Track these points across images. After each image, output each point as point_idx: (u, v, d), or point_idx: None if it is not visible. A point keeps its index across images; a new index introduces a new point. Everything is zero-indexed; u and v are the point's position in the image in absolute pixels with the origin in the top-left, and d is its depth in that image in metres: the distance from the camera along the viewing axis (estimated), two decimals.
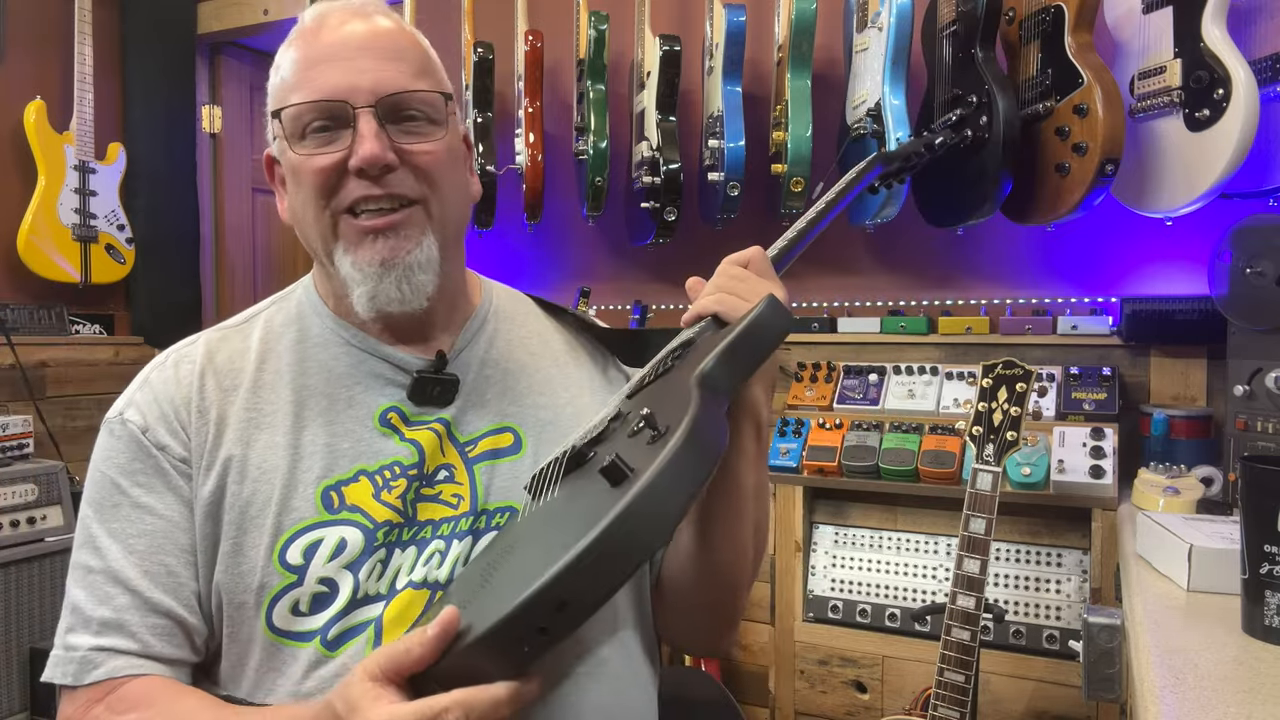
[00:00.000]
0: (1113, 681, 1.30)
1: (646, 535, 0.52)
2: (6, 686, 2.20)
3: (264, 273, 3.61)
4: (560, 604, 0.51)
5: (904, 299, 2.27)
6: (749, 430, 0.88)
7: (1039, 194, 1.82)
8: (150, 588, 0.82)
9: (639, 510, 0.52)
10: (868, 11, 1.98)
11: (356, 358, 0.90)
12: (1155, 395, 1.96)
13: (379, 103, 0.82)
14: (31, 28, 2.86)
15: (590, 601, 0.51)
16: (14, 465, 2.33)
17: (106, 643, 0.80)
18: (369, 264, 0.84)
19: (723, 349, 0.75)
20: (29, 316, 2.79)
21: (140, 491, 0.84)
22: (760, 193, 2.23)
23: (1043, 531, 1.91)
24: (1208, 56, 1.60)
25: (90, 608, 0.82)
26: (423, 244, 0.85)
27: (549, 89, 2.55)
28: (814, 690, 2.04)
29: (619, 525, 0.51)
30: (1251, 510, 0.92)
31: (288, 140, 0.85)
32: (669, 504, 0.53)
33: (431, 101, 0.86)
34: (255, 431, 0.86)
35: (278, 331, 0.92)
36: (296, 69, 0.85)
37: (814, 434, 2.05)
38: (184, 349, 0.91)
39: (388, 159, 0.82)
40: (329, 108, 0.82)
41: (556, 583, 0.51)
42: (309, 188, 0.84)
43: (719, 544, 0.90)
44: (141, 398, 0.88)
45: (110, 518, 0.84)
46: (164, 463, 0.85)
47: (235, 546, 0.82)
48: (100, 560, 0.82)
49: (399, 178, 0.84)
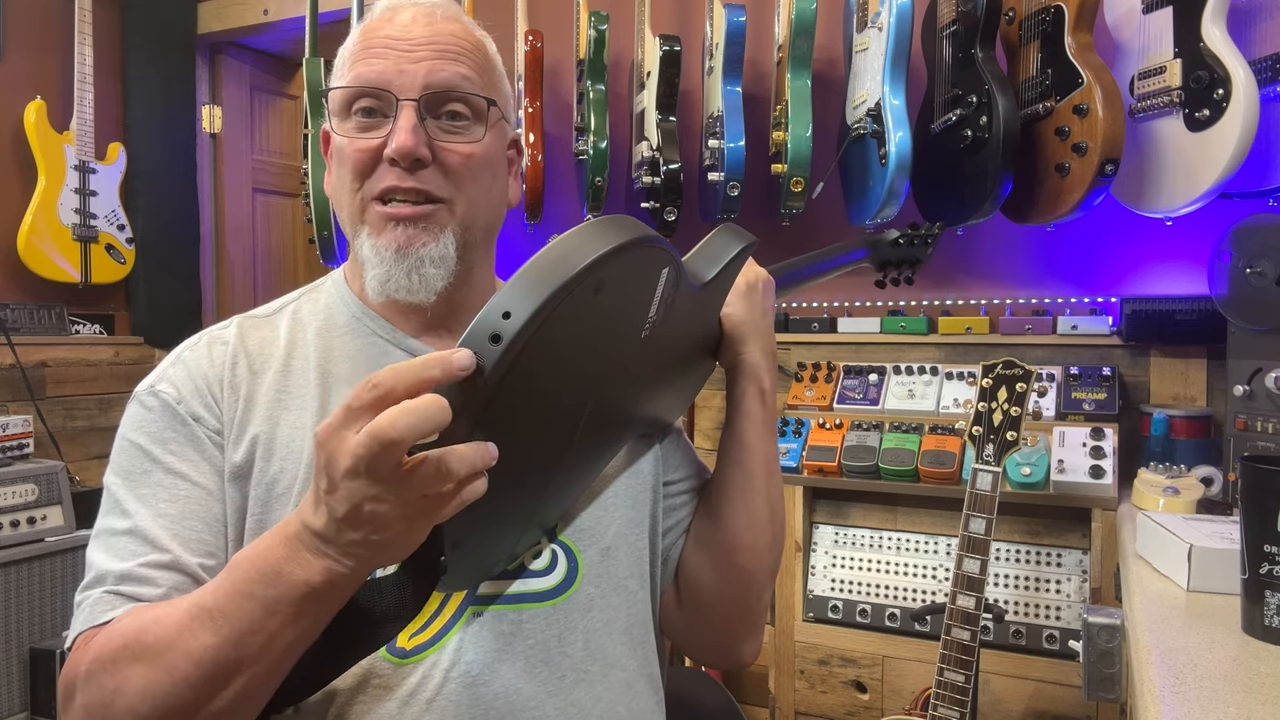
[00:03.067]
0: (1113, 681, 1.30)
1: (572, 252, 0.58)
2: (6, 686, 2.20)
3: (264, 273, 3.61)
4: (505, 313, 0.56)
5: (904, 299, 2.27)
6: (753, 393, 0.91)
7: (1039, 194, 1.82)
8: (180, 549, 0.78)
9: (570, 238, 0.59)
10: (868, 11, 1.99)
11: (382, 348, 0.91)
12: (1155, 395, 1.96)
13: (423, 97, 0.84)
14: (31, 28, 2.87)
15: (530, 308, 0.56)
16: (14, 465, 2.33)
17: (126, 589, 0.76)
18: (386, 249, 0.85)
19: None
20: (29, 316, 2.79)
21: (173, 459, 0.82)
22: (760, 193, 2.23)
23: (1043, 531, 1.92)
24: (1208, 56, 1.60)
25: (110, 564, 0.78)
26: (440, 240, 0.86)
27: (549, 89, 2.56)
28: (814, 690, 2.04)
29: (550, 248, 0.59)
30: (1251, 510, 0.92)
31: (337, 119, 0.88)
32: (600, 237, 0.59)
33: (474, 103, 0.88)
34: (283, 412, 0.86)
35: (305, 321, 0.93)
36: (357, 52, 0.87)
37: (814, 434, 2.05)
38: (217, 331, 0.92)
39: (420, 153, 0.83)
40: (374, 93, 0.85)
41: (497, 299, 0.56)
42: (347, 167, 0.87)
43: (734, 519, 0.91)
44: (175, 373, 0.87)
45: (139, 484, 0.81)
46: (198, 431, 0.83)
47: (259, 523, 0.82)
48: (127, 522, 0.79)
49: (429, 174, 0.85)
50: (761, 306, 0.93)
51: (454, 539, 0.66)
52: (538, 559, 0.85)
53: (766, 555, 0.94)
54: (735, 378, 0.92)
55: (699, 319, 0.86)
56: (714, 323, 0.91)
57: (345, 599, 0.66)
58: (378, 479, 0.56)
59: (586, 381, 0.69)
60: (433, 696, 0.77)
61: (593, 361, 0.68)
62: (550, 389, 0.64)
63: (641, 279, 0.65)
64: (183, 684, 0.66)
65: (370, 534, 0.59)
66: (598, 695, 0.84)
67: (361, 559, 0.61)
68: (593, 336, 0.65)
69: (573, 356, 0.64)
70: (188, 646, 0.66)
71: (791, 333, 2.29)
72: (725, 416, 0.95)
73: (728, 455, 0.93)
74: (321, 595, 0.63)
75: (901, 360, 2.16)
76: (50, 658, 2.21)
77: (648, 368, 0.79)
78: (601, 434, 0.81)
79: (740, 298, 0.91)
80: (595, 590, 0.86)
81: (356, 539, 0.60)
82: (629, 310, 0.67)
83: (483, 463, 0.58)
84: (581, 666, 0.84)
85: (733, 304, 0.91)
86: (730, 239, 0.85)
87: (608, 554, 0.88)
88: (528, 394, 0.61)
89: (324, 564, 0.61)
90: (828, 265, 1.24)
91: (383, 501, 0.57)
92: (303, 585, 0.62)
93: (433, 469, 0.56)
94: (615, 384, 0.75)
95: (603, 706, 0.84)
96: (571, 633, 0.84)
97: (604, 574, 0.87)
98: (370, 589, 0.69)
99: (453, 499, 0.58)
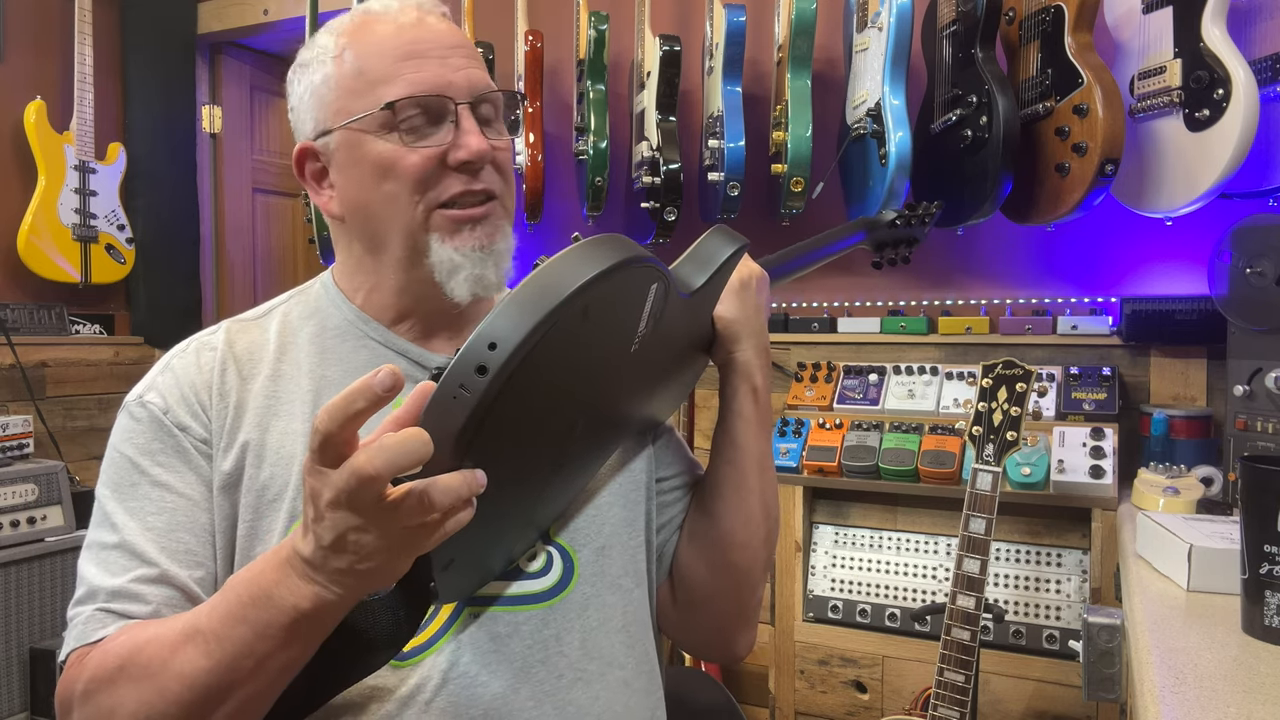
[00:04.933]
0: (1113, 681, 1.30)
1: (558, 278, 0.58)
2: (6, 686, 2.20)
3: (264, 273, 3.61)
4: (491, 344, 0.55)
5: (904, 299, 2.27)
6: (745, 392, 0.91)
7: (1039, 194, 1.82)
8: (168, 563, 0.79)
9: (556, 263, 0.59)
10: (868, 11, 1.99)
11: (377, 352, 0.91)
12: (1155, 395, 1.96)
13: (475, 100, 0.85)
14: (31, 28, 2.87)
15: (516, 338, 0.55)
16: (14, 465, 2.33)
17: (117, 606, 0.77)
18: (473, 249, 0.85)
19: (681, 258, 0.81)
20: (29, 316, 2.79)
21: (160, 470, 0.83)
22: (760, 193, 2.23)
23: (1043, 531, 1.91)
24: (1208, 56, 1.60)
25: (102, 580, 0.79)
26: (506, 233, 0.88)
27: (549, 89, 2.55)
28: (814, 690, 2.04)
29: (536, 275, 0.58)
30: (1251, 510, 0.92)
31: (371, 133, 0.84)
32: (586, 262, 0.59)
33: (509, 100, 0.90)
34: (272, 419, 0.86)
35: (296, 324, 0.93)
36: (383, 61, 0.84)
37: (814, 434, 2.05)
38: (205, 337, 0.92)
39: (494, 156, 0.85)
40: (431, 102, 0.83)
41: (484, 329, 0.56)
42: (404, 179, 0.84)
43: (727, 517, 0.91)
44: (163, 381, 0.87)
45: (128, 496, 0.82)
46: (185, 442, 0.84)
47: (251, 530, 0.82)
48: (116, 535, 0.80)
49: (489, 174, 0.86)
50: (755, 304, 0.91)
51: (444, 560, 0.66)
52: (533, 561, 0.85)
53: (761, 551, 0.94)
54: (728, 376, 0.92)
55: (691, 323, 0.85)
56: (707, 323, 0.90)
57: (336, 623, 0.66)
58: (359, 511, 0.57)
59: (577, 399, 0.69)
60: (430, 699, 0.77)
61: (583, 379, 0.68)
62: (540, 410, 0.64)
63: (629, 297, 0.65)
64: (175, 705, 0.67)
65: (356, 563, 0.60)
66: (595, 695, 0.84)
67: (349, 586, 0.61)
68: (582, 357, 0.65)
69: (562, 378, 0.64)
70: (180, 668, 0.67)
71: (791, 333, 2.29)
72: (718, 415, 0.94)
73: (721, 454, 0.93)
74: (311, 620, 0.63)
75: (901, 360, 2.16)
76: (50, 658, 2.21)
77: (639, 377, 0.79)
78: (595, 441, 0.81)
79: (733, 295, 0.90)
80: (591, 590, 0.86)
81: (342, 566, 0.60)
82: (618, 328, 0.67)
83: (469, 491, 0.58)
84: (579, 666, 0.84)
85: (726, 302, 0.89)
86: (721, 242, 0.84)
87: (603, 553, 0.88)
88: (517, 419, 0.61)
89: (313, 590, 0.62)
90: (826, 251, 1.21)
91: (366, 532, 0.58)
92: (292, 610, 0.63)
93: (415, 501, 0.56)
94: (606, 397, 0.75)
95: (600, 706, 0.84)
96: (568, 633, 0.84)
97: (599, 573, 0.87)
98: (364, 613, 0.69)
99: (438, 528, 0.58)
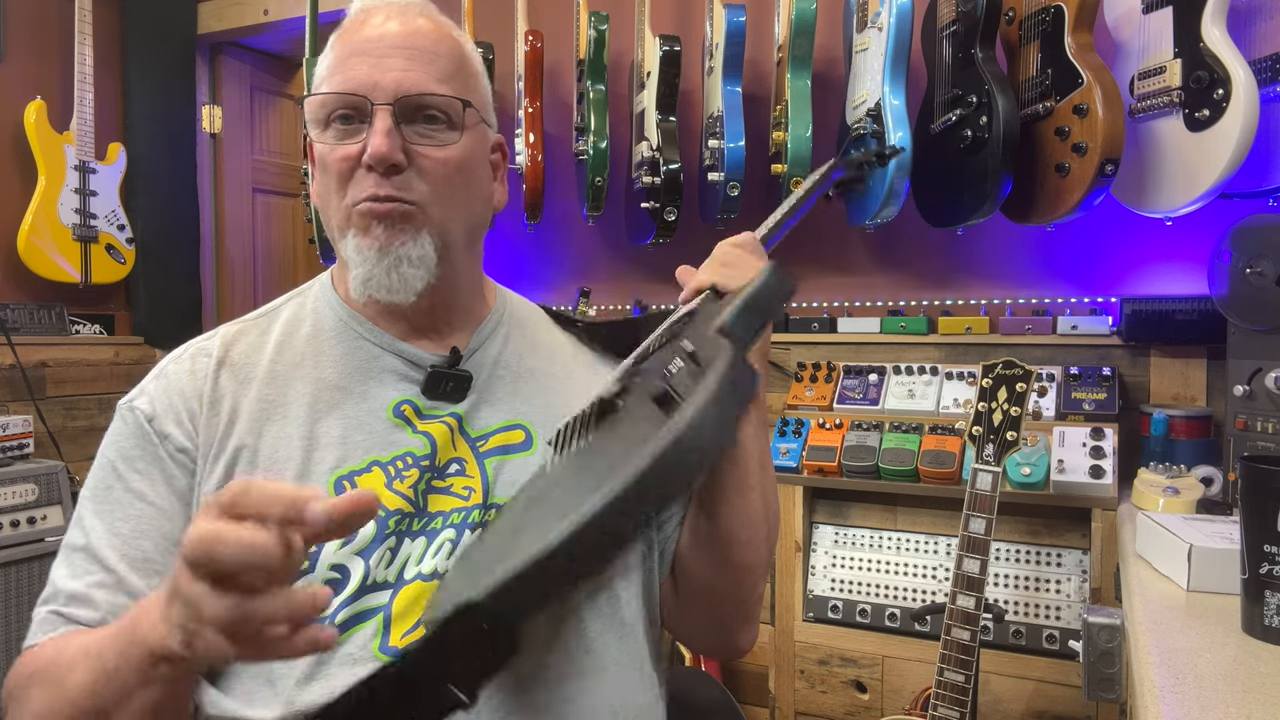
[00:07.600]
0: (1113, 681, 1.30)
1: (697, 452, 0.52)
2: None
3: (264, 273, 3.61)
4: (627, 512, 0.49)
5: (904, 299, 2.27)
6: None
7: (1039, 194, 1.82)
8: (126, 570, 0.82)
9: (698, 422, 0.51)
10: (868, 11, 1.99)
11: (371, 352, 0.91)
12: (1155, 395, 1.96)
13: (397, 101, 0.84)
14: (31, 28, 2.86)
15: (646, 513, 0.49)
16: (14, 465, 2.33)
17: (68, 611, 0.81)
18: (369, 248, 0.86)
19: (739, 304, 0.75)
20: (29, 316, 2.79)
21: (136, 477, 0.85)
22: (760, 193, 2.23)
23: (1043, 531, 1.91)
24: (1208, 56, 1.60)
25: (64, 581, 0.82)
26: (418, 240, 0.86)
27: (549, 89, 2.56)
28: (814, 690, 2.04)
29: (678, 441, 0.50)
30: (1251, 510, 0.92)
31: (315, 128, 0.88)
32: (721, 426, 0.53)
33: (450, 106, 0.87)
34: (267, 423, 0.87)
35: (292, 326, 0.94)
36: (333, 60, 0.88)
37: (814, 434, 2.05)
38: (201, 343, 0.93)
39: (395, 158, 0.83)
40: (349, 101, 0.85)
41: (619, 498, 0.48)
42: (330, 175, 0.87)
43: (729, 516, 0.92)
44: (154, 387, 0.89)
45: (102, 500, 0.85)
46: (162, 452, 0.85)
47: None
48: (84, 538, 0.84)
49: (405, 179, 0.85)
50: None
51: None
52: None
53: (762, 549, 0.94)
54: None
55: None
56: None
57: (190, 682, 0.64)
58: (197, 575, 0.55)
59: None
60: None
61: None
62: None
63: None
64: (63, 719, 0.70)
65: (186, 621, 0.57)
66: (589, 690, 0.84)
67: (183, 642, 0.58)
68: None
69: None
70: (69, 683, 0.69)
71: (791, 333, 2.29)
72: None
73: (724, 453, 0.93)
74: (160, 662, 0.61)
75: (901, 360, 2.16)
76: None
77: None
78: None
79: None
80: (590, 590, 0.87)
81: (177, 618, 0.58)
82: None
83: (302, 614, 0.55)
84: (575, 661, 0.84)
85: None
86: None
87: None
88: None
89: (161, 630, 0.60)
90: (810, 203, 1.20)
91: (199, 601, 0.56)
92: (143, 643, 0.62)
93: (234, 604, 0.54)
94: None
95: (594, 700, 0.84)
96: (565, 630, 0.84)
97: None
98: None
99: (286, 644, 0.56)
